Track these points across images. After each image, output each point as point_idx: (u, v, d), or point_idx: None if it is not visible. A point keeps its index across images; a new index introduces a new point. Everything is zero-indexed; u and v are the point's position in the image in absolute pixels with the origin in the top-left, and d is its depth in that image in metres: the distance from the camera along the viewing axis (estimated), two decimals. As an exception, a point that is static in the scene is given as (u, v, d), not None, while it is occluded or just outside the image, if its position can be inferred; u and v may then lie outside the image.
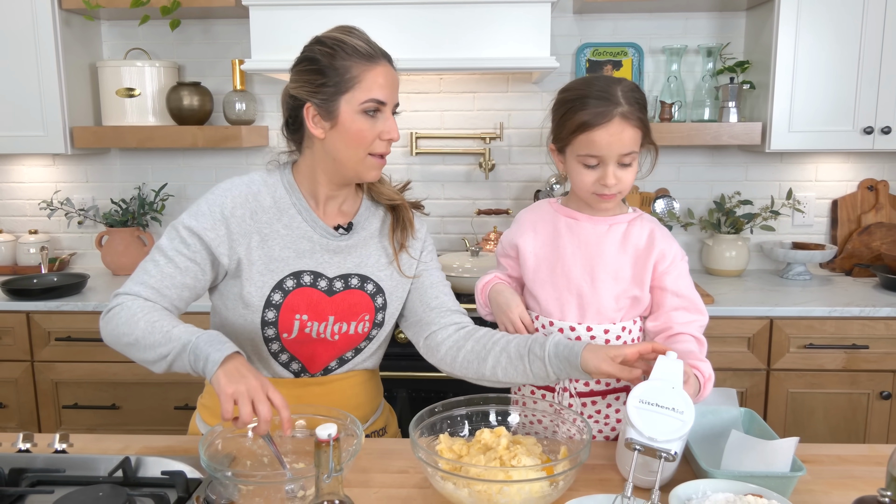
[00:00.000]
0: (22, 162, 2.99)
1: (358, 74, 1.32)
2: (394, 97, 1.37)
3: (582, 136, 1.34)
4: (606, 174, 1.35)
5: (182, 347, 1.23)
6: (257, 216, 1.40)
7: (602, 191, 1.37)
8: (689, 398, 1.15)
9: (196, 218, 1.37)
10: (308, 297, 1.40)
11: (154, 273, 1.35)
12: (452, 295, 1.55)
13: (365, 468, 1.29)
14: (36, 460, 1.25)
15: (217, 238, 1.37)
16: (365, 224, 1.48)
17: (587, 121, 1.32)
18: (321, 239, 1.42)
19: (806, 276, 2.73)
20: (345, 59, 1.32)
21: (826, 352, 2.37)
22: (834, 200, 2.90)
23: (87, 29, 2.81)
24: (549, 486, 1.13)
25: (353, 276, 1.44)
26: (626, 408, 1.15)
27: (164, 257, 1.36)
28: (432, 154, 2.91)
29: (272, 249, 1.39)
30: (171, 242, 1.37)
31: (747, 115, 2.74)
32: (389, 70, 1.37)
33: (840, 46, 2.48)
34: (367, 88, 1.32)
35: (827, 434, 2.41)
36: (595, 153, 1.34)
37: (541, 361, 1.32)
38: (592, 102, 1.33)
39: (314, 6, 2.34)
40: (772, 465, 1.18)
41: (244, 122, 2.78)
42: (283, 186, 1.44)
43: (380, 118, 1.35)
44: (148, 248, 2.90)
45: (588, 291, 1.43)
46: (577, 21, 2.81)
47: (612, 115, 1.32)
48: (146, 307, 1.31)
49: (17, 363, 2.49)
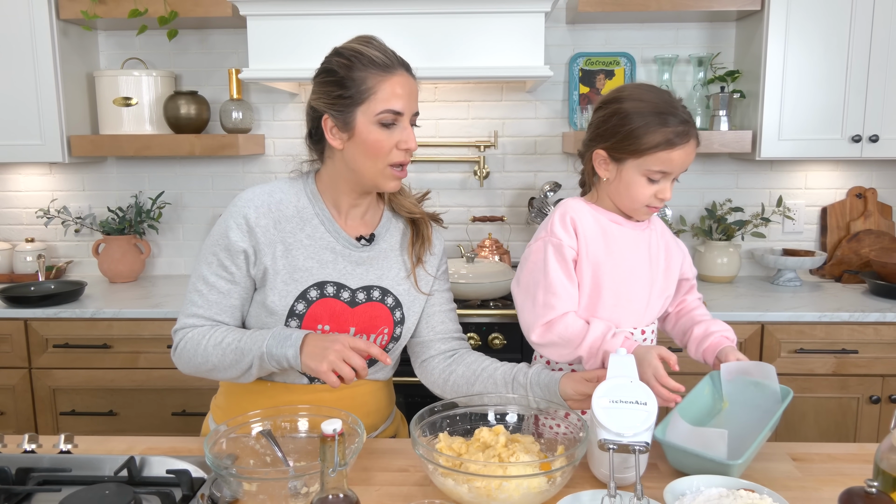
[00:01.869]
0: (19, 170, 3.00)
1: (373, 86, 1.33)
2: (411, 106, 1.37)
3: (661, 153, 1.34)
4: (666, 188, 1.39)
5: (260, 358, 1.33)
6: (280, 225, 1.41)
7: (656, 203, 1.41)
8: (648, 387, 1.22)
9: (227, 235, 1.40)
10: (331, 308, 1.42)
11: (200, 303, 1.41)
12: (456, 319, 1.60)
13: (366, 467, 1.31)
14: (42, 460, 1.27)
15: (248, 248, 1.40)
16: (386, 236, 1.50)
17: (671, 140, 1.34)
18: (344, 249, 1.44)
19: (796, 283, 2.77)
20: (361, 70, 1.33)
21: (816, 357, 2.41)
22: (823, 208, 2.94)
23: (85, 39, 2.84)
24: (546, 483, 1.15)
25: (375, 288, 1.46)
26: (591, 411, 1.19)
27: (206, 285, 1.41)
28: (427, 162, 2.94)
29: (296, 259, 1.41)
30: (209, 268, 1.41)
31: (738, 123, 2.79)
32: (406, 79, 1.36)
33: (828, 56, 2.53)
34: (383, 99, 1.33)
35: (818, 437, 2.45)
36: (668, 170, 1.37)
37: (524, 389, 1.41)
38: (672, 121, 1.34)
39: (311, 16, 2.38)
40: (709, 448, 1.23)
41: (241, 130, 2.81)
42: (307, 195, 1.45)
43: (397, 128, 1.35)
44: (145, 256, 2.92)
45: (645, 297, 1.48)
46: (570, 31, 2.86)
47: (691, 136, 1.36)
48: (205, 332, 1.39)
49: (14, 370, 2.50)
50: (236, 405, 1.46)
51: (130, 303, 2.56)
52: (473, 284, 2.43)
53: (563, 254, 1.40)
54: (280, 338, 1.32)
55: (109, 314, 2.46)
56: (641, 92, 1.40)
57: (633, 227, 1.47)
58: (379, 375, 1.53)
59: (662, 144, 1.34)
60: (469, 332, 2.38)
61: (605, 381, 1.23)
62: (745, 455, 1.21)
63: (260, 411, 1.31)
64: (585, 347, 1.37)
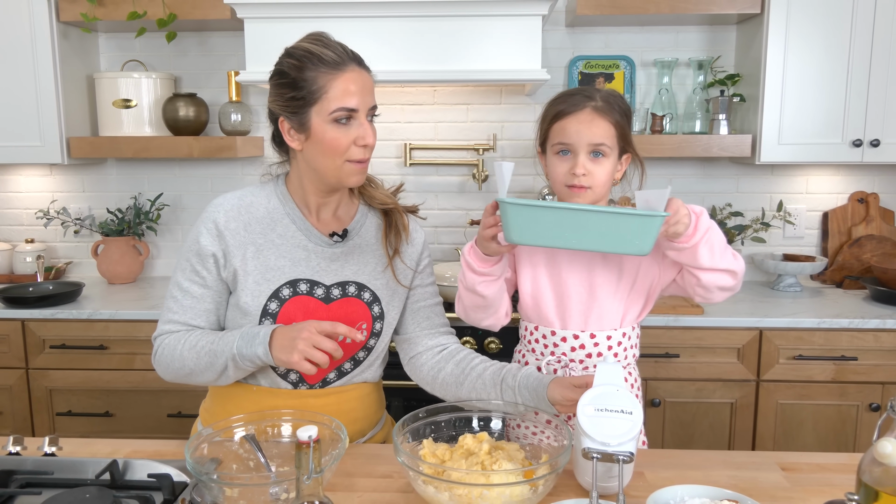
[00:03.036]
0: (19, 172, 3.01)
1: (324, 84, 1.32)
2: (366, 102, 1.36)
3: (556, 125, 1.42)
4: (576, 164, 1.39)
5: (232, 360, 1.35)
6: (251, 227, 1.43)
7: (573, 181, 1.40)
8: (634, 396, 1.20)
9: (197, 241, 1.42)
10: (305, 305, 1.42)
11: (176, 309, 1.44)
12: (443, 313, 1.59)
13: (350, 472, 1.31)
14: (25, 463, 1.27)
15: (218, 252, 1.41)
16: (361, 231, 1.50)
17: (561, 110, 1.42)
18: (316, 247, 1.44)
19: (797, 288, 2.75)
20: (311, 70, 1.32)
21: (815, 363, 2.38)
22: (825, 212, 2.92)
23: (85, 41, 2.84)
24: (529, 491, 1.14)
25: (351, 283, 1.46)
26: (576, 419, 1.18)
27: (181, 291, 1.44)
28: (426, 165, 2.94)
29: (268, 259, 1.42)
30: (183, 274, 1.44)
31: (738, 127, 2.77)
32: (358, 74, 1.35)
33: (829, 59, 2.51)
34: (335, 98, 1.32)
35: (816, 445, 2.42)
36: (566, 140, 1.40)
37: (511, 391, 1.41)
38: (569, 97, 1.43)
39: (308, 19, 2.37)
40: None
41: (240, 132, 2.81)
42: (277, 197, 1.46)
43: (353, 125, 1.35)
44: (143, 258, 2.92)
45: (587, 298, 1.46)
46: (570, 34, 2.85)
47: (584, 106, 1.40)
48: (181, 337, 1.41)
49: (11, 370, 2.51)
50: (222, 409, 1.46)
51: (127, 304, 2.56)
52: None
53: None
54: (248, 337, 1.34)
55: (106, 315, 2.46)
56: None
57: None
58: (367, 376, 1.52)
59: (556, 116, 1.42)
60: (465, 336, 2.37)
61: (591, 388, 1.22)
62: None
63: (243, 416, 1.30)
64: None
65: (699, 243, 1.31)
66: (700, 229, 1.31)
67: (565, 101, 1.43)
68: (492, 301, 1.43)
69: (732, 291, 1.42)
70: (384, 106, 2.90)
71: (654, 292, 1.50)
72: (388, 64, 2.43)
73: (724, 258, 1.36)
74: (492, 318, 1.48)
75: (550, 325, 1.49)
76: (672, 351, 2.39)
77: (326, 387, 1.47)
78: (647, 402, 2.41)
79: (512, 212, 1.25)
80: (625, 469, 1.15)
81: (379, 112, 1.43)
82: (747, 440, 2.44)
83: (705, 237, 1.32)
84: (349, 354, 1.47)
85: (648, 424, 2.42)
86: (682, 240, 1.31)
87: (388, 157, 2.94)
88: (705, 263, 1.34)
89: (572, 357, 1.48)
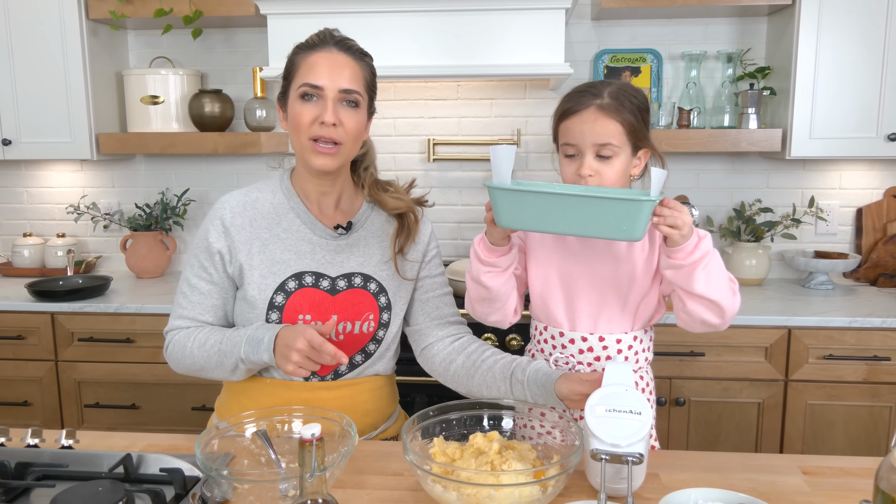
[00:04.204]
0: (51, 167, 3.07)
1: (298, 63, 1.39)
2: (335, 82, 1.35)
3: (562, 124, 1.39)
4: (583, 164, 1.36)
5: (242, 363, 1.38)
6: (256, 223, 1.45)
7: (580, 182, 1.37)
8: (643, 397, 1.17)
9: (205, 238, 1.45)
10: (310, 297, 1.43)
11: (185, 304, 1.47)
12: (453, 303, 1.58)
13: (361, 469, 1.30)
14: (42, 455, 1.28)
15: (224, 248, 1.44)
16: (366, 223, 1.51)
17: (565, 109, 1.38)
18: (320, 240, 1.46)
19: (828, 286, 2.68)
20: (294, 54, 1.41)
21: (846, 363, 2.32)
22: (859, 208, 2.84)
23: (114, 38, 2.88)
24: (538, 491, 1.12)
25: (356, 275, 1.46)
26: (585, 420, 1.16)
27: (189, 287, 1.47)
28: (449, 160, 2.92)
29: (273, 253, 1.43)
30: (192, 271, 1.47)
31: (768, 121, 2.70)
32: (332, 55, 1.38)
33: (863, 51, 2.43)
34: (303, 74, 1.37)
35: (847, 447, 2.36)
36: (571, 141, 1.37)
37: (521, 385, 1.40)
38: (576, 94, 1.38)
39: (330, 14, 2.37)
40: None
41: (264, 128, 2.83)
42: (282, 191, 1.49)
43: (317, 103, 1.36)
44: (170, 253, 2.96)
45: (597, 301, 1.43)
46: (595, 28, 2.81)
47: (588, 105, 1.35)
48: (190, 334, 1.44)
49: (41, 362, 2.56)
50: (237, 403, 1.47)
51: (154, 298, 2.59)
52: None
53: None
54: (254, 343, 1.36)
55: (132, 309, 2.50)
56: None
57: None
58: (378, 368, 1.52)
59: (561, 115, 1.39)
60: (486, 332, 2.36)
61: (601, 388, 1.20)
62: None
63: (254, 412, 1.31)
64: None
65: (697, 264, 1.27)
66: (700, 249, 1.28)
67: (572, 99, 1.39)
68: (496, 294, 1.40)
69: (715, 329, 1.37)
70: (407, 102, 2.89)
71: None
72: (412, 59, 2.42)
73: (720, 290, 1.31)
74: (498, 314, 1.45)
75: (559, 326, 1.47)
76: (697, 349, 2.35)
77: (339, 379, 1.47)
78: (671, 401, 2.37)
79: (499, 197, 1.24)
80: (635, 470, 1.13)
81: (356, 100, 1.38)
82: (775, 441, 2.39)
83: (704, 260, 1.28)
84: (359, 346, 1.47)
85: (672, 424, 2.38)
86: (680, 255, 1.28)
87: (412, 152, 2.93)
88: (698, 289, 1.29)
89: (580, 360, 1.46)
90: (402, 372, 1.69)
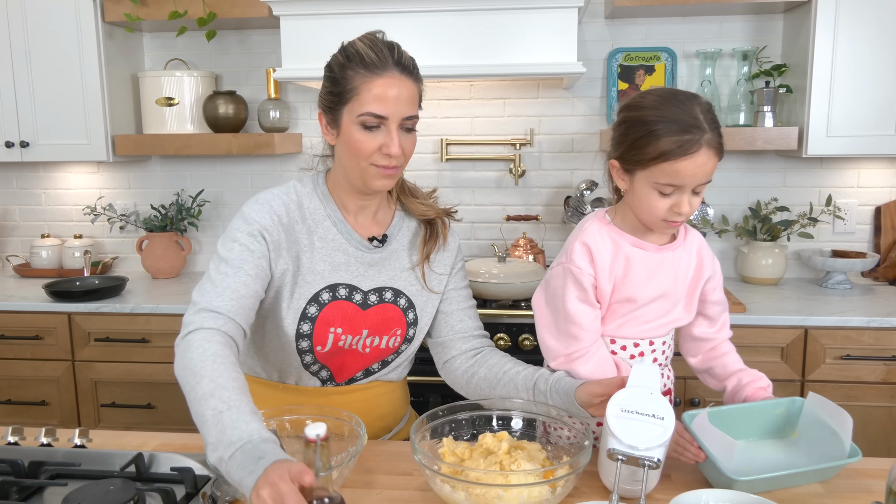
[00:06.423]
0: (68, 169, 3.10)
1: (358, 86, 1.29)
2: (399, 111, 1.31)
3: (665, 164, 1.24)
4: (682, 202, 1.27)
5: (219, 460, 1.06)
6: (296, 228, 1.39)
7: (674, 218, 1.30)
8: (668, 402, 1.14)
9: (253, 220, 1.33)
10: (343, 310, 1.40)
11: (209, 288, 1.26)
12: (476, 316, 1.56)
13: (370, 469, 1.30)
14: (55, 454, 1.30)
15: (273, 242, 1.35)
16: (399, 236, 1.48)
17: (672, 150, 1.23)
18: (356, 251, 1.42)
19: (846, 286, 2.65)
20: (351, 69, 1.30)
21: (864, 363, 2.29)
22: (877, 207, 2.80)
23: (130, 41, 2.91)
24: (548, 491, 1.12)
25: (387, 289, 1.44)
26: (605, 417, 1.14)
27: (231, 267, 1.28)
28: (462, 160, 2.92)
29: (309, 262, 1.39)
30: (231, 252, 1.30)
31: (784, 119, 2.68)
32: (396, 81, 1.30)
33: (881, 48, 2.40)
34: (366, 102, 1.29)
35: (865, 448, 2.29)
36: (676, 183, 1.25)
37: (544, 395, 1.36)
38: (675, 129, 1.23)
39: (343, 15, 2.38)
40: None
41: (278, 129, 2.84)
42: (318, 197, 1.43)
43: (381, 132, 1.31)
44: (185, 253, 2.98)
45: (662, 316, 1.42)
46: (609, 26, 2.79)
47: (700, 146, 1.23)
48: (214, 358, 1.15)
49: (58, 362, 2.59)
50: (248, 405, 1.46)
51: (169, 298, 2.61)
52: (504, 284, 2.40)
53: (582, 283, 1.36)
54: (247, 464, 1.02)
55: (148, 309, 2.51)
56: (648, 99, 1.29)
57: (658, 249, 1.38)
58: (392, 376, 1.52)
59: (664, 155, 1.23)
60: (499, 332, 2.35)
61: (624, 388, 1.17)
62: (751, 476, 1.15)
63: (265, 411, 1.31)
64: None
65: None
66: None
67: (673, 137, 1.23)
68: None
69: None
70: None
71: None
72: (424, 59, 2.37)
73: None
74: None
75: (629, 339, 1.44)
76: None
77: (351, 384, 1.47)
78: (685, 401, 2.35)
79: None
80: (650, 475, 1.12)
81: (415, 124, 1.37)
82: (791, 442, 2.36)
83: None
84: (380, 358, 1.47)
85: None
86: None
87: (425, 152, 2.93)
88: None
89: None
90: (416, 372, 1.69)
